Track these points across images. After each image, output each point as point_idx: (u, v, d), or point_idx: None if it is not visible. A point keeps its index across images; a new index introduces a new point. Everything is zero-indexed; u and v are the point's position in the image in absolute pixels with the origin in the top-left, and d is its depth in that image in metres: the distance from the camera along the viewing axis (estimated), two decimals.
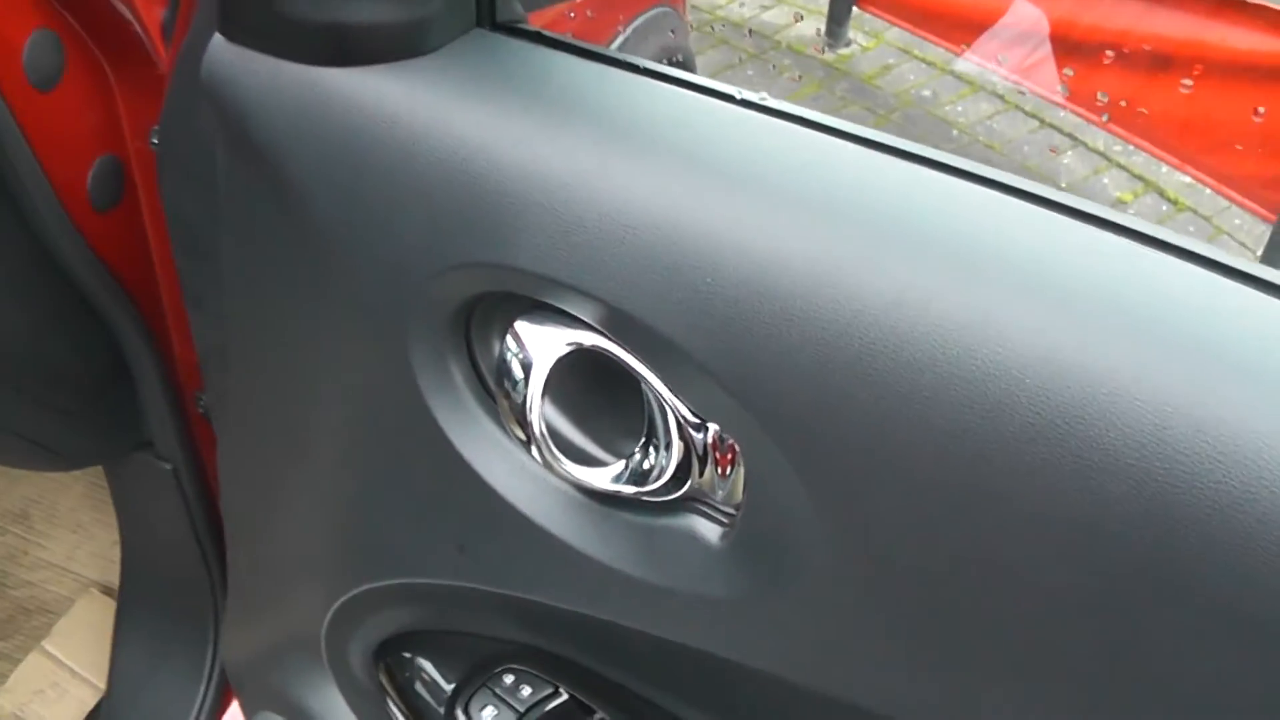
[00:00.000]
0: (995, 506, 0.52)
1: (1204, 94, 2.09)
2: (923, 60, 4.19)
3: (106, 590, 1.89)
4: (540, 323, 0.65)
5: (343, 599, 0.89)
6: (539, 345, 0.65)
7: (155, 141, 1.15)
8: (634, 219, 0.59)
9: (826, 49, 3.20)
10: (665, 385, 0.62)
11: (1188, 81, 2.07)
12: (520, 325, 0.66)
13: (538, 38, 0.73)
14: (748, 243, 0.57)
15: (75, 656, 1.81)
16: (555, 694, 0.86)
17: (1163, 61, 2.13)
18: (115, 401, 1.36)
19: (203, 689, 1.56)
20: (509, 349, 0.66)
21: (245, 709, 1.30)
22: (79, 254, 1.21)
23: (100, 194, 1.20)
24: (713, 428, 0.62)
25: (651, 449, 0.66)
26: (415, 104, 0.68)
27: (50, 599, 1.93)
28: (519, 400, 0.67)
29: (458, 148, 0.66)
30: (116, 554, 1.82)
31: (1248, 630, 0.49)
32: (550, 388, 0.67)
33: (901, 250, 0.55)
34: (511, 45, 0.72)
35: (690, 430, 0.62)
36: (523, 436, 0.69)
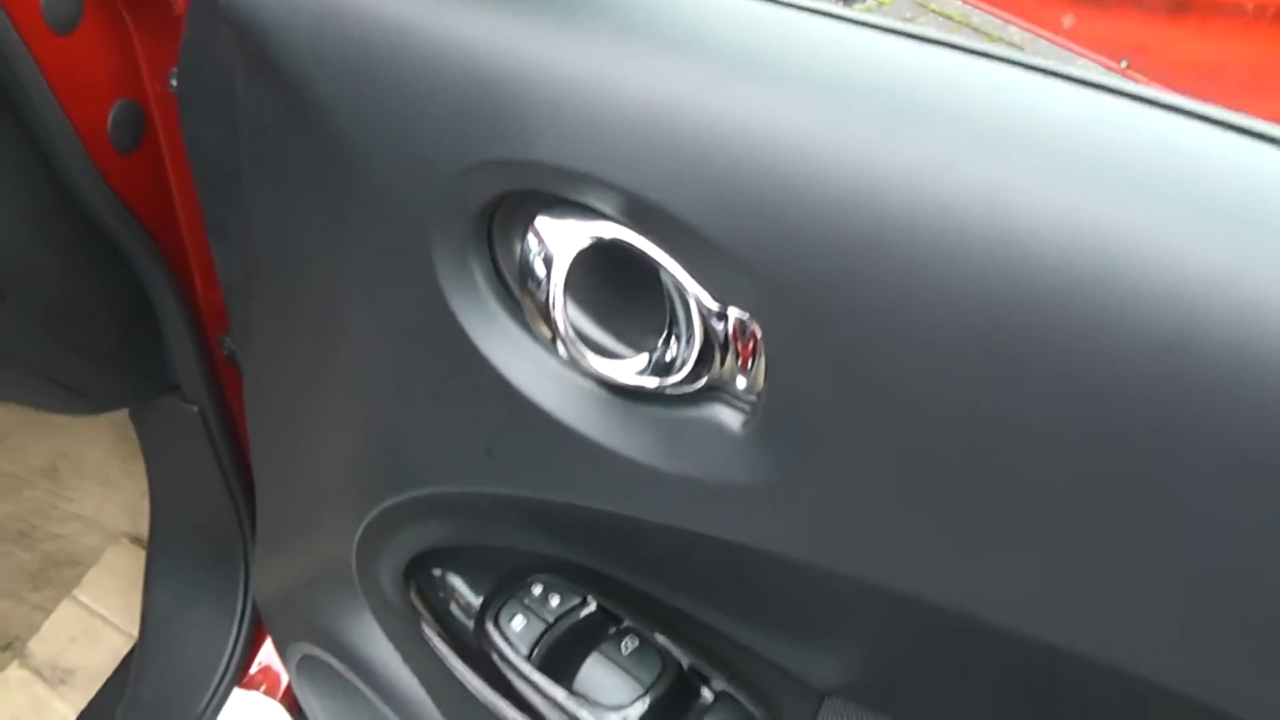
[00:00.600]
0: (1015, 373, 0.53)
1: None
2: (939, 14, 4.17)
3: (136, 540, 1.91)
4: (561, 218, 0.66)
5: (372, 514, 0.90)
6: (560, 240, 0.65)
7: (174, 84, 1.16)
8: (651, 108, 0.60)
9: (842, 2, 3.18)
10: (686, 272, 0.63)
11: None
12: (541, 222, 0.66)
13: None
14: (763, 125, 0.57)
15: (107, 604, 1.83)
16: (583, 603, 0.87)
17: (1181, 6, 2.12)
18: (141, 344, 1.37)
19: (235, 630, 1.58)
20: (530, 246, 0.67)
21: (278, 643, 1.32)
22: (102, 196, 1.21)
23: (121, 136, 1.21)
24: (733, 316, 0.62)
25: (673, 341, 0.66)
26: (430, 8, 0.69)
27: (80, 551, 1.95)
28: (542, 297, 0.67)
29: (474, 49, 0.66)
30: (144, 505, 1.84)
31: (1265, 478, 0.49)
32: (572, 285, 0.67)
33: (913, 124, 0.55)
34: None
35: (711, 318, 0.63)
36: (547, 334, 0.69)
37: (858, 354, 0.57)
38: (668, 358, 0.66)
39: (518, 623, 0.86)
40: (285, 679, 1.62)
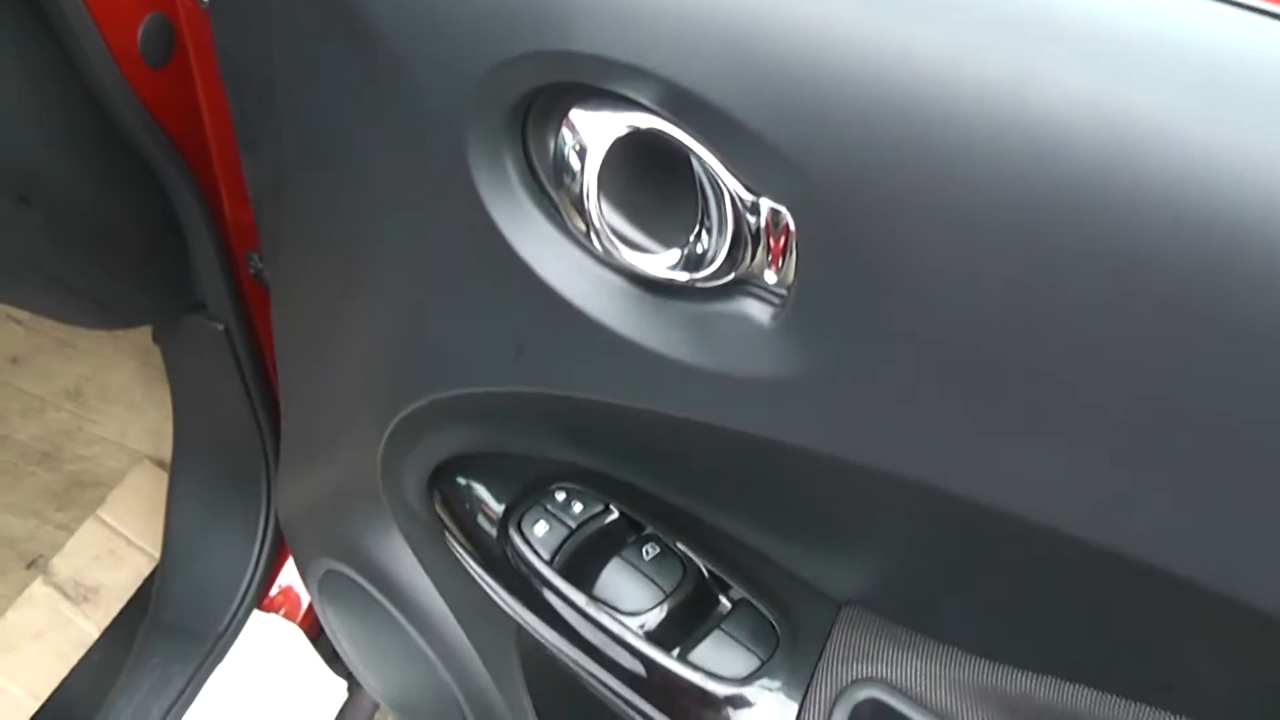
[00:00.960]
0: (1049, 257, 0.53)
1: None
2: None
3: (159, 463, 1.93)
4: (596, 109, 0.66)
5: (398, 419, 0.90)
6: (595, 131, 0.66)
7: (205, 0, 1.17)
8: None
9: None
10: (722, 163, 0.63)
11: None
12: (576, 114, 0.66)
13: None
14: (807, 12, 0.57)
15: (130, 525, 1.85)
16: (606, 511, 0.88)
17: None
18: (168, 261, 1.38)
19: (256, 551, 1.59)
20: (565, 140, 0.67)
21: (300, 560, 1.33)
22: (132, 110, 1.22)
23: (151, 50, 1.21)
24: (765, 208, 0.62)
25: (704, 234, 0.67)
26: None
27: (104, 473, 1.97)
28: (577, 190, 0.67)
29: None
30: (168, 429, 1.85)
31: None
32: (605, 181, 0.67)
33: (950, 9, 0.55)
34: None
35: (744, 210, 0.63)
36: (581, 228, 0.69)
37: (892, 245, 0.57)
38: (699, 251, 0.66)
39: (540, 528, 0.87)
40: (305, 603, 1.64)
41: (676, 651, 0.82)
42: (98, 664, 1.72)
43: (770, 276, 0.65)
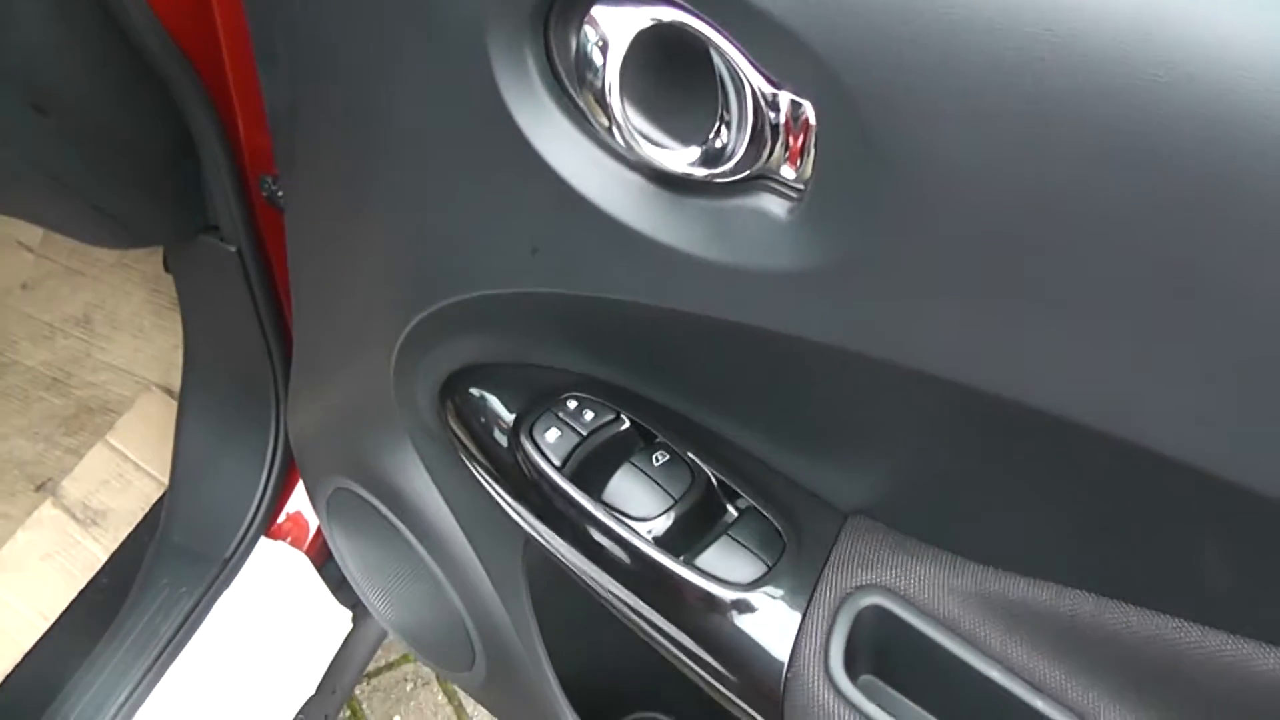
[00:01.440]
0: (1066, 135, 0.54)
1: None
2: None
3: (167, 391, 1.94)
4: (617, 4, 0.66)
5: (411, 325, 0.91)
6: (617, 25, 0.66)
7: None
8: None
9: None
10: (744, 53, 0.63)
11: None
12: (598, 9, 0.67)
13: None
14: None
15: (138, 451, 1.86)
16: (617, 419, 0.88)
17: None
18: (182, 181, 1.38)
19: (264, 477, 1.60)
20: (587, 35, 0.67)
21: (309, 481, 1.34)
22: (150, 26, 1.22)
23: None
24: (786, 102, 0.63)
25: (723, 130, 0.67)
26: None
27: (112, 399, 1.98)
28: (599, 85, 0.68)
29: None
30: (176, 357, 1.86)
31: None
32: (625, 76, 0.68)
33: None
34: None
35: (765, 104, 0.64)
36: (603, 123, 0.70)
37: (914, 136, 0.57)
38: (717, 146, 0.67)
39: (551, 434, 0.88)
40: (312, 530, 1.65)
41: (683, 557, 0.83)
42: (105, 586, 1.74)
43: (788, 172, 0.65)
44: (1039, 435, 0.64)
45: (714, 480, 0.85)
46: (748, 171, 0.67)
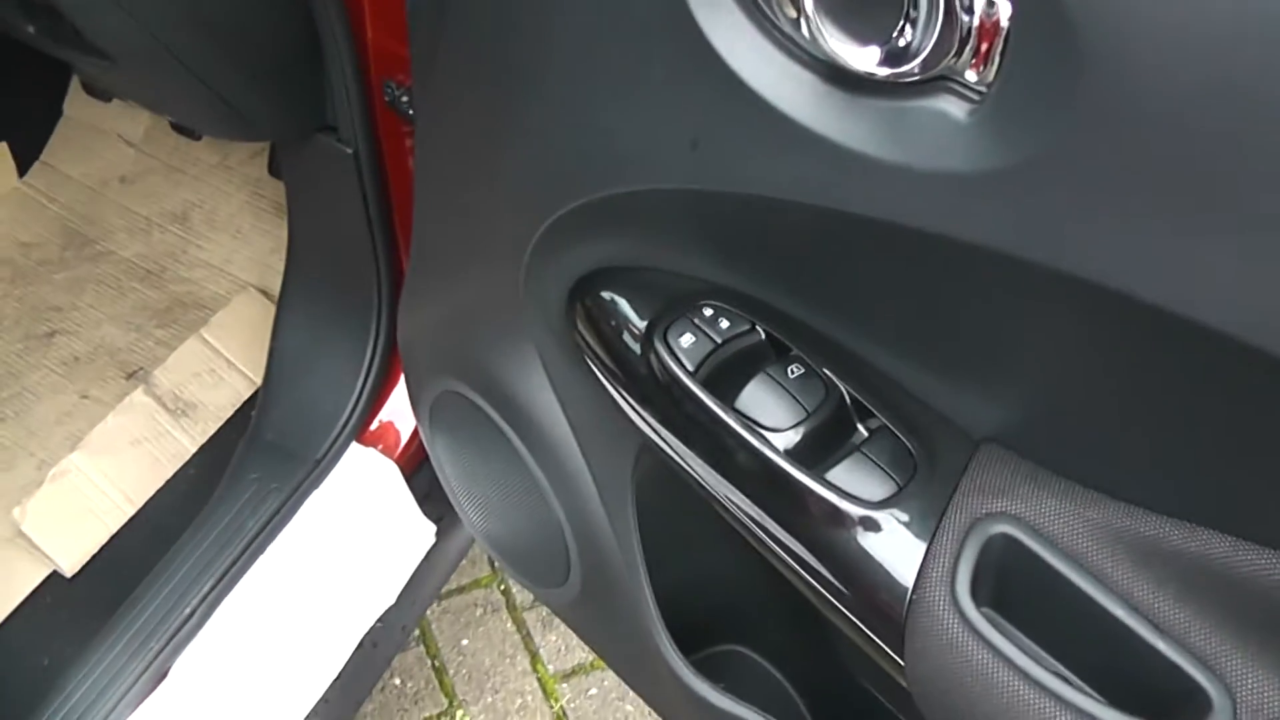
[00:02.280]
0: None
1: None
2: None
3: (264, 292, 1.95)
4: None
5: (552, 219, 0.91)
6: None
7: None
8: None
9: None
10: None
11: None
12: None
13: None
14: None
15: (231, 348, 1.88)
16: (752, 330, 0.88)
17: None
18: (305, 79, 1.39)
19: (361, 381, 1.61)
20: None
21: (413, 381, 1.35)
22: None
23: None
24: (980, 2, 0.62)
25: (908, 28, 0.66)
26: None
27: (207, 296, 2.00)
28: None
29: None
30: (274, 260, 1.88)
31: None
32: None
33: None
34: None
35: (958, 3, 0.63)
36: (791, 14, 0.69)
37: (1112, 43, 0.56)
38: (901, 45, 0.66)
39: (686, 339, 0.87)
40: (403, 440, 1.66)
41: (814, 470, 0.83)
42: (193, 478, 1.76)
43: (971, 75, 0.64)
44: (1206, 362, 0.63)
45: (848, 397, 0.85)
46: (930, 72, 0.66)
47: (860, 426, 0.85)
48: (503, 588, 2.22)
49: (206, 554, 1.55)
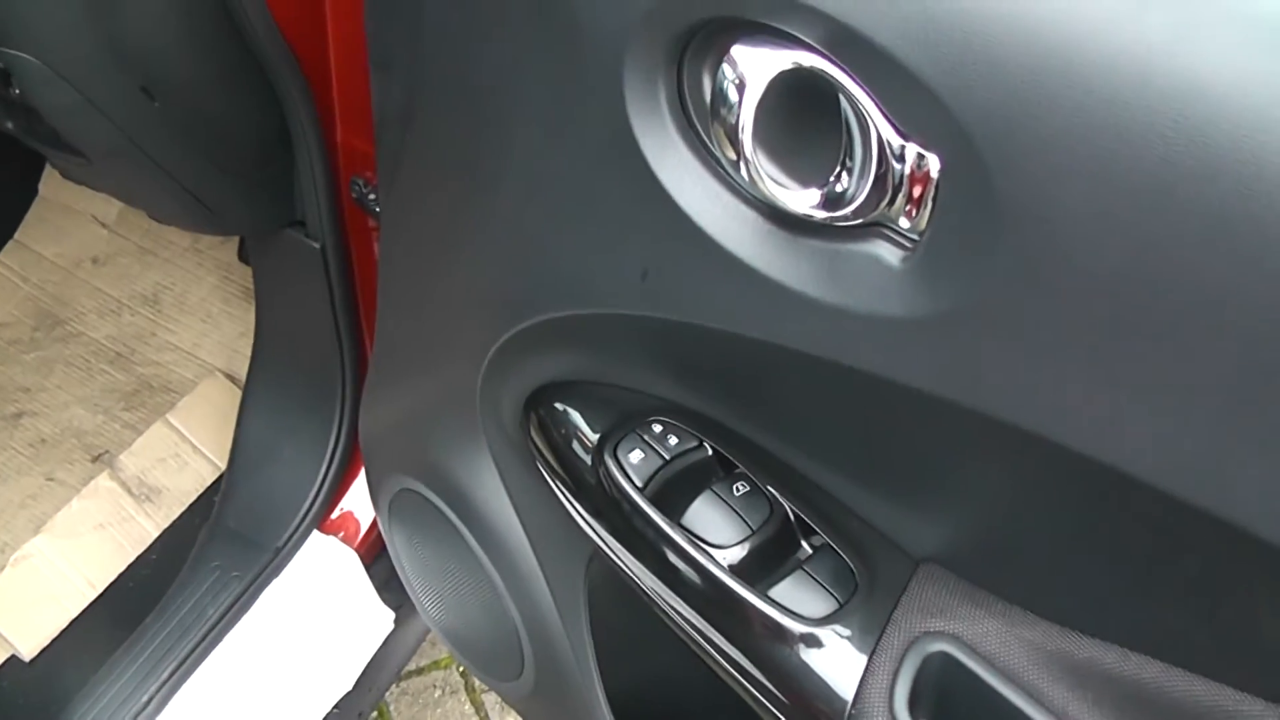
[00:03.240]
0: (1185, 206, 0.55)
1: None
2: None
3: (230, 377, 1.96)
4: (758, 45, 0.68)
5: (508, 335, 0.93)
6: (756, 65, 0.68)
7: None
8: None
9: None
10: (877, 103, 0.65)
11: None
12: (738, 49, 0.69)
13: None
14: None
15: (197, 433, 1.89)
16: (700, 447, 0.90)
17: None
18: (274, 174, 1.41)
19: (322, 471, 1.63)
20: (725, 72, 0.69)
21: (373, 476, 1.37)
22: (262, 21, 1.25)
23: None
24: (911, 154, 0.65)
25: (844, 175, 0.69)
26: None
27: (175, 380, 2.01)
28: (732, 120, 0.70)
29: None
30: (242, 345, 1.90)
31: None
32: (758, 114, 0.70)
33: None
34: None
35: (891, 154, 0.66)
36: (730, 157, 0.72)
37: (1039, 198, 0.59)
38: (837, 190, 0.69)
39: (635, 455, 0.89)
40: (363, 529, 1.68)
41: (757, 586, 0.84)
42: (155, 562, 1.77)
43: (905, 221, 0.67)
44: (1129, 502, 0.66)
45: (791, 514, 0.87)
46: (865, 217, 0.69)
47: (804, 543, 0.87)
48: (461, 670, 2.22)
49: (166, 641, 1.56)
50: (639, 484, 0.89)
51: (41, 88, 1.22)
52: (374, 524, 1.67)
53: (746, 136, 0.69)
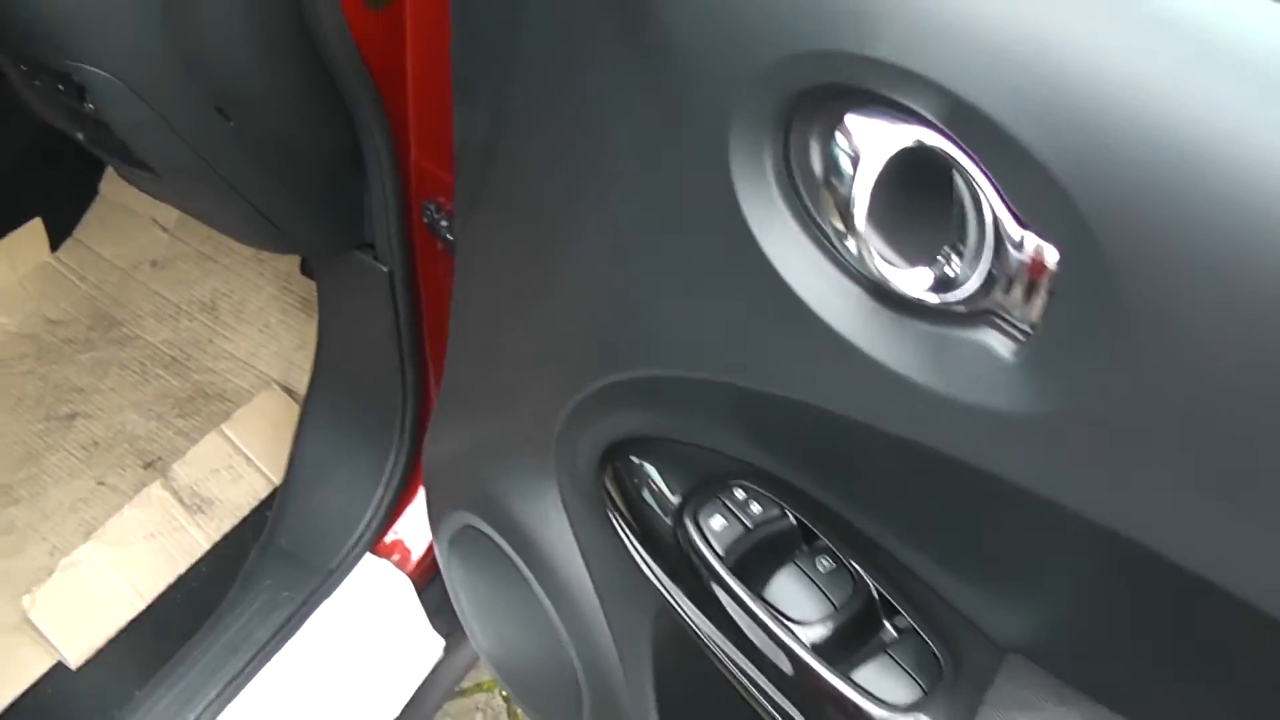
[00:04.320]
0: None
1: None
2: None
3: (286, 389, 1.95)
4: (872, 116, 0.66)
5: (591, 389, 0.91)
6: (874, 140, 0.65)
7: None
8: (1010, 20, 0.59)
9: None
10: (998, 189, 0.62)
11: None
12: (851, 119, 0.66)
13: None
14: (1120, 49, 0.56)
15: (251, 445, 1.87)
16: (783, 515, 0.88)
17: None
18: (345, 196, 1.40)
19: (379, 493, 1.61)
20: (839, 142, 0.67)
21: (434, 507, 1.35)
22: (343, 45, 1.24)
23: None
24: (1029, 243, 0.62)
25: (956, 258, 0.66)
26: None
27: (230, 389, 2.00)
28: (843, 195, 0.67)
29: None
30: (298, 357, 1.89)
31: None
32: (874, 190, 0.67)
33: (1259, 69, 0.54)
34: None
35: (1009, 241, 0.63)
36: (839, 230, 0.69)
37: (1161, 298, 0.56)
38: (948, 274, 0.66)
39: (717, 522, 0.87)
40: (416, 554, 1.66)
41: (839, 668, 0.82)
42: (204, 575, 1.76)
43: (1017, 311, 0.64)
44: (1232, 618, 0.63)
45: (876, 593, 0.84)
46: (976, 305, 0.66)
47: (887, 624, 0.85)
48: (504, 694, 2.20)
49: (215, 658, 1.55)
50: (720, 552, 0.86)
51: (116, 104, 1.21)
52: (427, 550, 1.65)
53: (860, 213, 0.66)
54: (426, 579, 1.66)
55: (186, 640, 1.59)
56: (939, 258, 0.67)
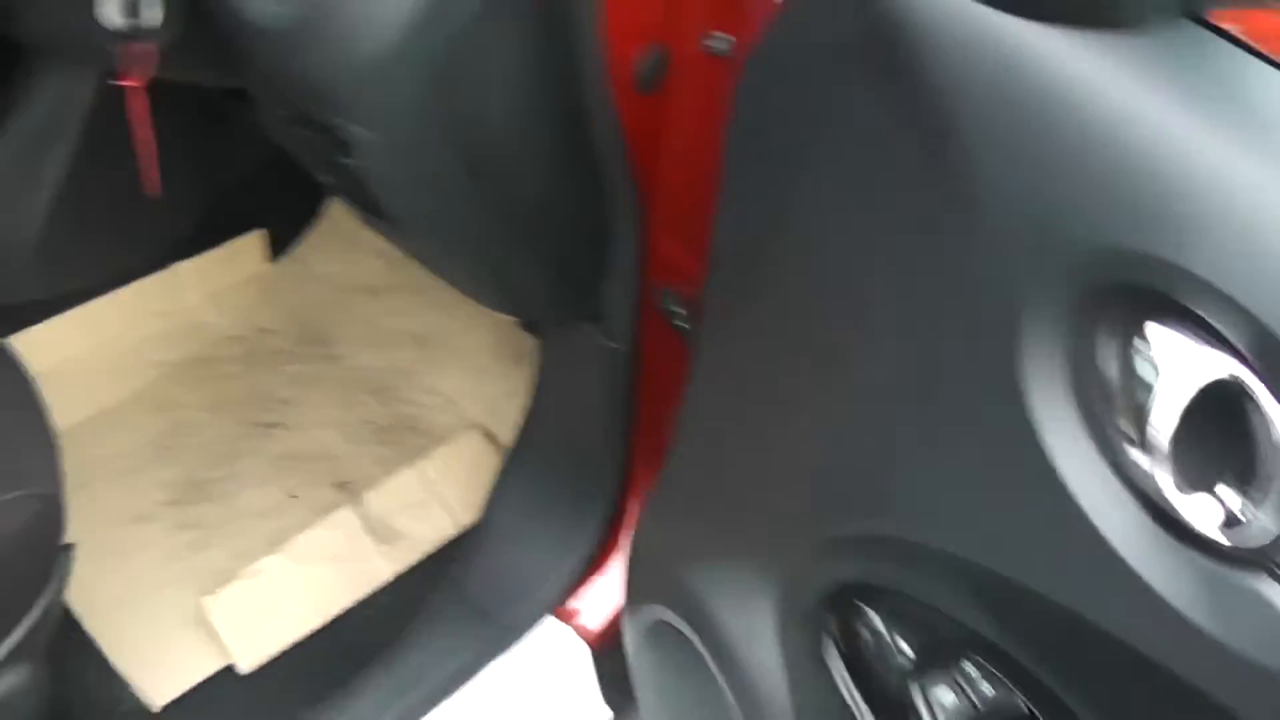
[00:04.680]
0: None
1: None
2: None
3: (487, 435, 1.97)
4: (1177, 329, 0.64)
5: (832, 533, 0.90)
6: (1185, 360, 0.63)
7: (708, 44, 1.19)
8: None
9: None
10: None
11: None
12: (1154, 329, 0.64)
13: (1242, 42, 0.71)
14: None
15: (447, 485, 1.89)
16: (1014, 702, 0.85)
17: None
18: (583, 270, 1.41)
19: (573, 560, 1.62)
20: (1140, 350, 0.65)
21: (633, 595, 1.34)
22: (608, 125, 1.26)
23: (644, 77, 1.25)
24: None
25: (1244, 495, 0.64)
26: (1117, 82, 0.67)
27: (432, 425, 2.03)
28: (1144, 406, 0.65)
29: (1149, 135, 0.65)
30: (503, 404, 1.91)
31: None
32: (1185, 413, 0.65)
33: None
34: (1217, 44, 0.70)
35: None
36: (1133, 439, 0.67)
37: None
38: (1234, 509, 0.64)
39: (947, 698, 0.85)
40: (597, 624, 1.66)
41: None
42: (384, 606, 1.78)
43: None
44: None
45: None
46: (1254, 546, 0.64)
47: None
48: None
49: (388, 694, 1.57)
50: None
51: (378, 163, 1.24)
52: (610, 622, 1.65)
53: (1164, 434, 0.64)
54: (603, 650, 1.66)
55: (356, 666, 1.61)
56: (1229, 490, 0.65)
